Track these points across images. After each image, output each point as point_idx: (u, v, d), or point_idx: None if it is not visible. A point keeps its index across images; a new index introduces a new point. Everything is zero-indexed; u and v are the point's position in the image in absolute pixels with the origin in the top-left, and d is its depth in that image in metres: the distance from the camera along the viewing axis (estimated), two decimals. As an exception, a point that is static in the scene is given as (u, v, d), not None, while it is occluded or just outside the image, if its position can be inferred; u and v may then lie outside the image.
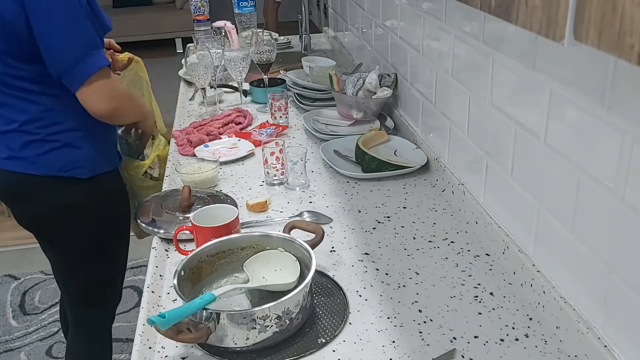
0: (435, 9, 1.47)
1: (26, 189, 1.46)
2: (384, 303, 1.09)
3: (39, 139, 1.42)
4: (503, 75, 1.15)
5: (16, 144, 1.42)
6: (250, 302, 1.08)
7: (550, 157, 1.00)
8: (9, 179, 1.46)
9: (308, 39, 2.85)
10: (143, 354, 0.98)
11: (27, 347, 2.40)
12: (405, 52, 1.75)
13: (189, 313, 0.94)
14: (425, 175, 1.57)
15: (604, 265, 0.87)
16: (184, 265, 1.05)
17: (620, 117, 0.81)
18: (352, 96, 1.82)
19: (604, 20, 0.43)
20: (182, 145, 1.80)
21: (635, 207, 0.79)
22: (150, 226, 1.33)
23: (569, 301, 0.97)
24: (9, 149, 1.43)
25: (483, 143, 1.27)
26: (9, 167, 1.45)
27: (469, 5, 0.67)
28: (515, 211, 1.15)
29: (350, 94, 1.84)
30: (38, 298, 2.71)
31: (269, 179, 1.55)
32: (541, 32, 0.52)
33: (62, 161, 1.45)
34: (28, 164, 1.43)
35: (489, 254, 1.22)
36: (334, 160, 1.63)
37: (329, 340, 1.00)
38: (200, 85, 1.99)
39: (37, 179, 1.45)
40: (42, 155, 1.43)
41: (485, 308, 1.07)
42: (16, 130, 1.41)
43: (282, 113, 1.93)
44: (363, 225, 1.35)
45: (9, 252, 3.11)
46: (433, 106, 1.56)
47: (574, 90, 0.91)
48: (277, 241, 1.13)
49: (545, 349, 0.97)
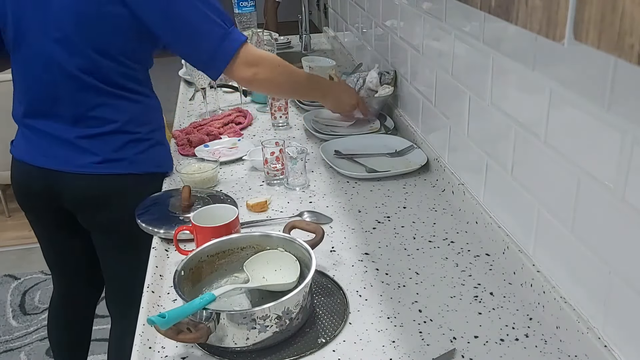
0: (435, 9, 1.47)
1: (123, 189, 1.46)
2: (384, 303, 1.09)
3: (138, 138, 1.45)
4: (503, 75, 1.15)
5: (116, 145, 1.42)
6: (250, 302, 1.08)
7: (550, 157, 1.00)
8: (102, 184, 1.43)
9: (308, 39, 2.85)
10: (143, 354, 0.98)
11: (27, 347, 2.40)
12: (405, 52, 1.75)
13: (189, 313, 0.94)
14: (425, 175, 1.57)
15: (604, 265, 0.87)
16: (184, 265, 1.05)
17: (620, 117, 0.81)
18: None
19: (604, 20, 0.43)
20: (182, 145, 1.80)
21: (635, 207, 0.79)
22: (150, 226, 1.32)
23: (569, 301, 0.97)
24: (104, 152, 1.41)
25: (483, 143, 1.27)
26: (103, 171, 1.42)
27: (469, 5, 0.67)
28: (515, 211, 1.15)
29: None
30: (38, 298, 2.71)
31: (269, 179, 1.55)
32: (541, 32, 0.52)
33: (158, 158, 1.52)
34: (128, 164, 1.44)
35: (489, 254, 1.22)
36: (334, 160, 1.63)
37: (329, 340, 1.00)
38: (200, 85, 1.99)
39: (137, 178, 1.46)
40: (141, 154, 1.46)
41: (485, 308, 1.07)
42: (118, 130, 1.41)
43: (282, 113, 1.93)
44: (363, 225, 1.35)
45: (9, 252, 3.11)
46: (433, 106, 1.56)
47: (574, 90, 0.91)
48: (277, 241, 1.13)
49: (545, 349, 0.97)
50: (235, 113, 1.99)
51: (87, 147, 1.41)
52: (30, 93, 1.42)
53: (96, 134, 1.40)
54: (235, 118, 1.97)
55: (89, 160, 1.41)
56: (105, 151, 1.41)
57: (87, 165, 1.41)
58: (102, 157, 1.41)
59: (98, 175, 1.42)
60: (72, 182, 1.43)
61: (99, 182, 1.43)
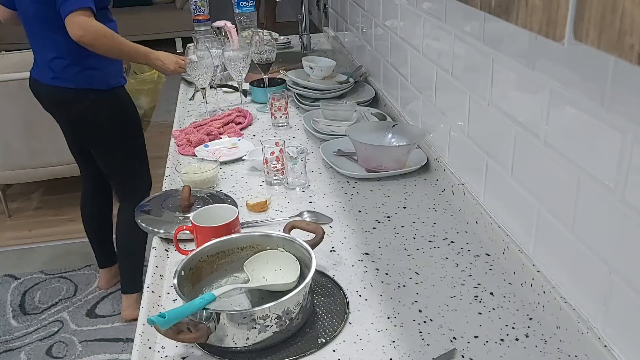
0: (435, 9, 1.47)
1: (67, 99, 2.12)
2: (384, 303, 1.09)
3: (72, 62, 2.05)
4: (503, 75, 1.15)
5: (61, 66, 2.06)
6: (250, 302, 1.08)
7: (550, 157, 1.00)
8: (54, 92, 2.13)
9: (308, 39, 2.85)
10: (143, 354, 0.98)
11: (27, 347, 2.40)
12: (405, 52, 1.75)
13: (189, 313, 0.94)
14: (425, 175, 1.57)
15: (604, 265, 0.87)
16: (184, 265, 1.05)
17: (620, 117, 0.81)
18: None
19: (604, 20, 0.43)
20: (182, 145, 1.80)
21: (635, 207, 0.79)
22: (151, 226, 1.33)
23: (569, 301, 0.97)
24: (53, 72, 2.07)
25: (483, 143, 1.27)
26: (55, 84, 2.10)
27: (469, 5, 0.67)
28: (515, 211, 1.15)
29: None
30: (38, 298, 2.71)
31: (269, 179, 1.55)
32: (541, 32, 0.52)
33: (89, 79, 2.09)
34: (67, 80, 2.08)
35: (489, 254, 1.22)
36: (334, 160, 1.63)
37: (329, 340, 1.00)
38: (200, 85, 1.99)
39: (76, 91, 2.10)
40: (78, 74, 2.07)
41: (485, 308, 1.07)
42: (59, 57, 2.05)
43: (282, 113, 1.93)
44: (363, 225, 1.35)
45: (9, 252, 3.11)
46: (433, 106, 1.56)
47: (574, 90, 0.91)
48: (277, 241, 1.13)
49: (545, 349, 0.97)
50: (235, 113, 1.99)
51: (49, 66, 2.09)
52: (26, 31, 2.12)
53: (52, 58, 2.07)
54: (235, 118, 1.97)
55: (49, 75, 2.10)
56: (55, 71, 2.08)
57: (48, 79, 2.11)
58: (53, 74, 2.09)
59: (52, 87, 2.12)
60: (43, 89, 2.16)
61: (53, 91, 2.13)
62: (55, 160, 3.18)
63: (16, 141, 3.12)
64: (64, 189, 3.63)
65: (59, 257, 3.03)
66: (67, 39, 1.94)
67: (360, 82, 2.21)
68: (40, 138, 3.12)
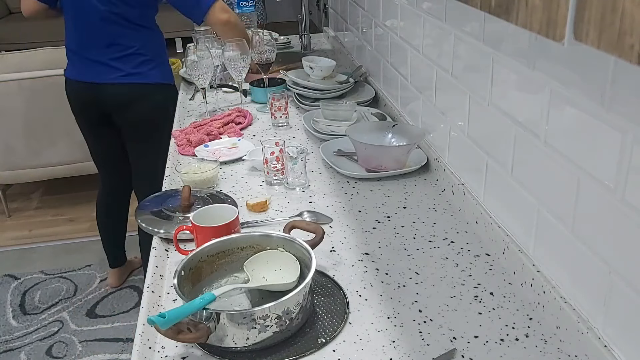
0: (435, 9, 1.47)
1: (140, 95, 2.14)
2: (384, 303, 1.09)
3: (149, 58, 2.12)
4: (503, 75, 1.15)
5: (134, 63, 2.09)
6: (250, 302, 1.08)
7: (550, 157, 1.00)
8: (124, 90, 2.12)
9: (308, 39, 2.85)
10: (143, 354, 0.98)
11: (27, 347, 2.40)
12: (405, 52, 1.75)
13: (189, 313, 0.94)
14: (425, 175, 1.57)
15: (604, 265, 0.87)
16: (184, 265, 1.05)
17: (620, 117, 0.81)
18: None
19: (604, 20, 0.43)
20: (182, 145, 1.80)
21: (635, 207, 0.79)
22: (151, 226, 1.33)
23: (569, 301, 0.97)
24: (122, 69, 2.08)
25: (483, 143, 1.27)
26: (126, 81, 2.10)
27: (469, 5, 0.67)
28: (515, 211, 1.15)
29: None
30: (38, 298, 2.71)
31: (269, 179, 1.55)
32: (541, 32, 0.52)
33: (163, 73, 2.18)
34: (143, 76, 2.11)
35: (489, 254, 1.22)
36: (334, 160, 1.63)
37: (329, 340, 1.00)
38: (201, 85, 1.99)
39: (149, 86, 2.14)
40: (151, 70, 2.13)
41: (485, 308, 1.07)
42: (135, 53, 2.09)
43: (282, 113, 1.93)
44: (363, 225, 1.35)
45: (9, 252, 3.11)
46: (433, 106, 1.56)
47: (574, 90, 0.91)
48: (277, 241, 1.13)
49: (545, 349, 0.97)
50: (235, 113, 1.99)
51: (115, 66, 2.08)
52: (77, 31, 2.10)
53: (121, 56, 2.07)
54: (235, 118, 1.97)
55: (117, 74, 2.08)
56: (127, 67, 2.08)
57: (116, 77, 2.08)
58: (125, 72, 2.08)
59: (123, 84, 2.10)
60: (106, 90, 2.11)
61: (124, 89, 2.11)
62: (55, 160, 3.18)
63: (16, 141, 3.12)
64: (64, 189, 3.63)
65: (59, 257, 3.03)
66: (144, 34, 2.05)
67: (360, 82, 2.21)
68: (40, 138, 3.12)
